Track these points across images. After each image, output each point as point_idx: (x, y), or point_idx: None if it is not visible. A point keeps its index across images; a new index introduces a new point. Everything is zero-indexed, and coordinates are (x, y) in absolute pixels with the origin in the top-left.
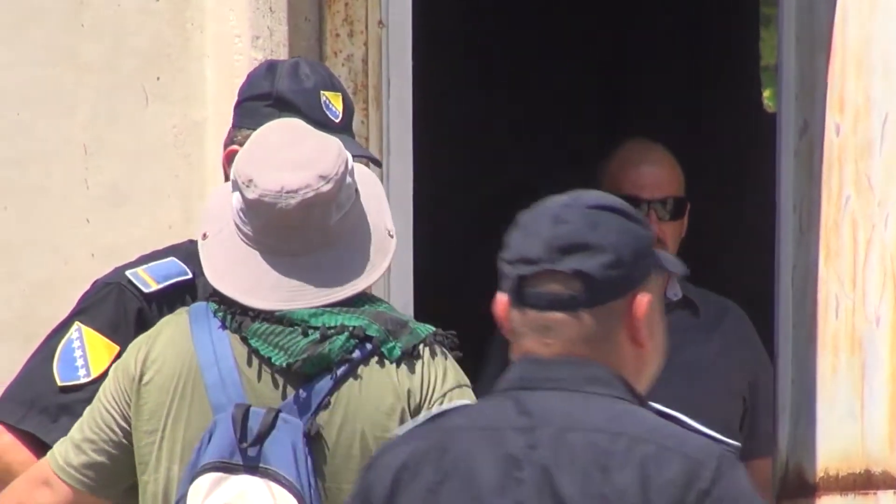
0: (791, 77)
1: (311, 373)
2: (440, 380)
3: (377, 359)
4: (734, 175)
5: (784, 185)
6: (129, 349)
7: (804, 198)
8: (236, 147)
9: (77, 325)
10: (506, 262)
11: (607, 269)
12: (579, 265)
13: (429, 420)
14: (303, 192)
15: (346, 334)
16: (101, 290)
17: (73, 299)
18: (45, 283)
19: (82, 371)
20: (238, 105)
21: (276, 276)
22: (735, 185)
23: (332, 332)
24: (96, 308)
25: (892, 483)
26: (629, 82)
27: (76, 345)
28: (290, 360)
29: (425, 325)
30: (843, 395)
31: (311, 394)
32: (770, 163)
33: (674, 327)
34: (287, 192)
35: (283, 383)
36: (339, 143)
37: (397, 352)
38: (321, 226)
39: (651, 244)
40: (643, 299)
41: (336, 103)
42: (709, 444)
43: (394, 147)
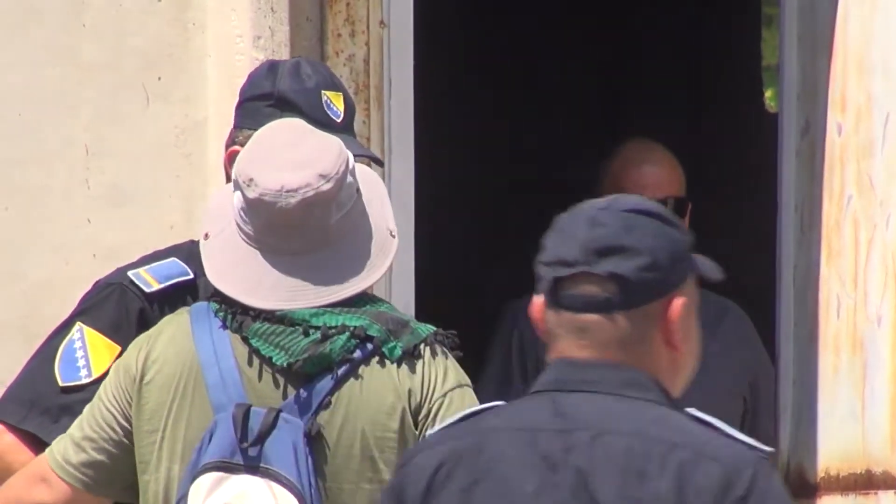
0: (793, 77)
1: (311, 373)
2: (441, 379)
3: (378, 359)
4: (734, 175)
5: (786, 185)
6: (130, 348)
7: (806, 197)
8: (238, 147)
9: (78, 325)
10: (542, 263)
11: (642, 271)
12: (615, 268)
13: (463, 419)
14: (303, 191)
15: (347, 334)
16: (103, 291)
17: (75, 299)
18: (46, 283)
19: (84, 371)
20: (239, 105)
21: (276, 276)
22: (735, 185)
23: (333, 331)
24: (98, 308)
25: (893, 483)
26: (629, 82)
27: (78, 345)
28: (291, 360)
29: (426, 324)
30: (845, 395)
31: (312, 394)
32: (771, 162)
33: None
34: (287, 191)
35: (283, 383)
36: (340, 143)
37: (398, 351)
38: (322, 225)
39: (688, 248)
40: (678, 302)
41: (337, 103)
42: (745, 451)
43: (395, 147)
